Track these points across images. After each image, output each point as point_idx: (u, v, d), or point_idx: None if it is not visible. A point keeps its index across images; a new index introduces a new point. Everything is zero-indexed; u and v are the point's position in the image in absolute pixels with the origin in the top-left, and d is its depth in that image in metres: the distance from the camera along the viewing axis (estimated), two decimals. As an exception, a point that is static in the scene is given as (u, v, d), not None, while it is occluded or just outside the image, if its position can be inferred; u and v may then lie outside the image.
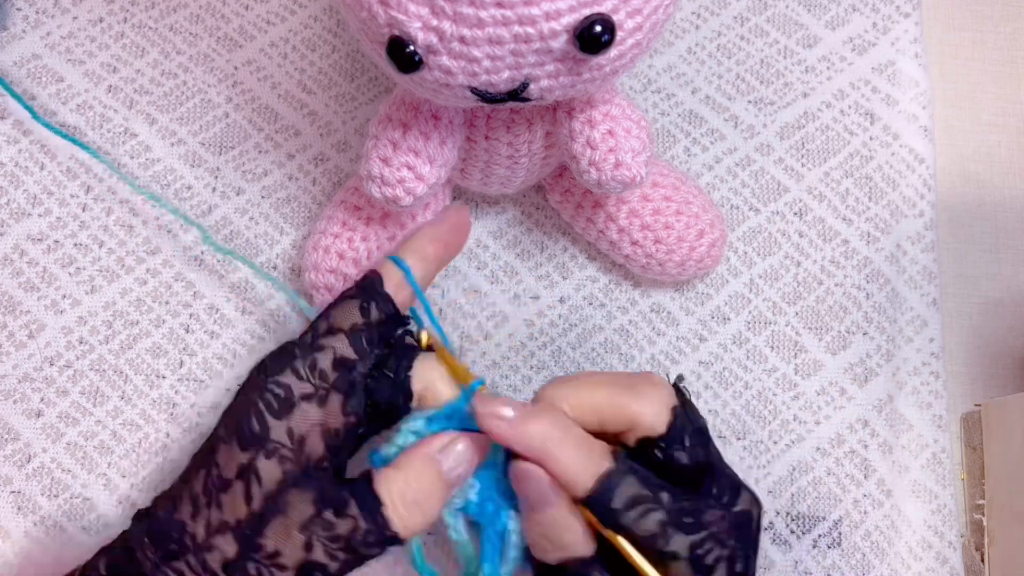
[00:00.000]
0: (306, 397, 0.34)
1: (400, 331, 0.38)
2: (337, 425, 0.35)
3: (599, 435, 0.34)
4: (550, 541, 0.33)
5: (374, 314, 0.36)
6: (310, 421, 0.34)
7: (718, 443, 0.46)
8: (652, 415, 0.34)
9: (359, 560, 0.34)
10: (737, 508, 0.34)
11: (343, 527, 0.33)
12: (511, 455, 0.34)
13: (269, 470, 0.33)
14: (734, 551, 0.33)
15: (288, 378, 0.34)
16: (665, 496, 0.33)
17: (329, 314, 0.36)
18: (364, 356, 0.35)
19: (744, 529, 0.34)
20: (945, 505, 0.46)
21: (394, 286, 0.37)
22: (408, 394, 0.36)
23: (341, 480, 0.35)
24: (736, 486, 0.34)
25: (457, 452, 0.34)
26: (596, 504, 0.32)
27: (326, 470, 0.35)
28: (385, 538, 0.33)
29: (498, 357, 0.48)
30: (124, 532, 0.35)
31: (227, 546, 0.33)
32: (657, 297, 0.49)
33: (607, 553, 0.34)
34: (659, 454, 0.34)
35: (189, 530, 0.33)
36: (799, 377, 0.48)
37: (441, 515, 0.35)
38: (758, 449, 0.47)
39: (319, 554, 0.33)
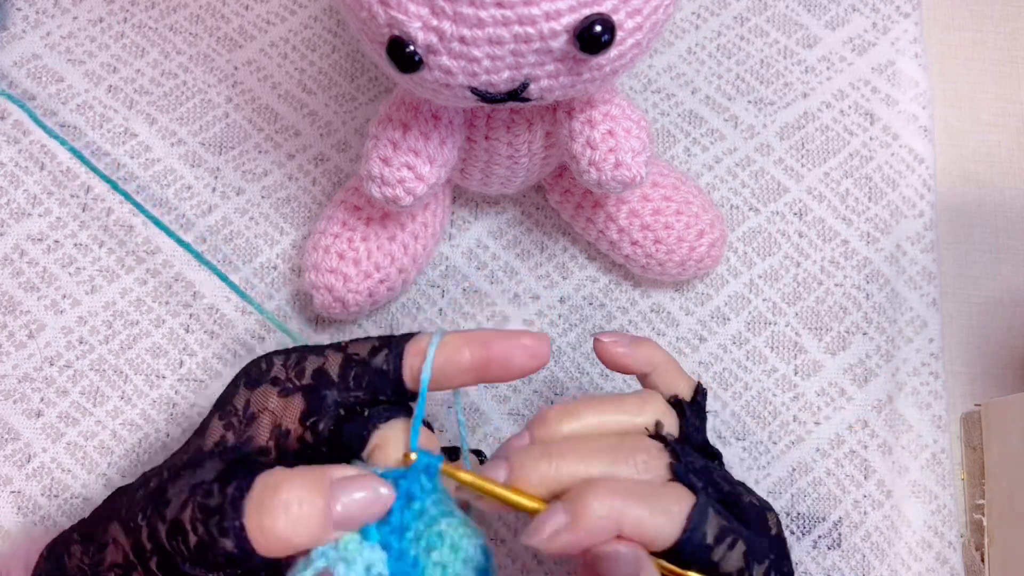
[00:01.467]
0: (274, 381, 0.33)
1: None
2: (289, 426, 0.32)
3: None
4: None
5: (379, 360, 0.32)
6: (264, 405, 0.32)
7: (718, 444, 0.47)
8: (663, 408, 0.34)
9: (208, 555, 0.29)
10: (774, 533, 0.33)
11: (215, 500, 0.29)
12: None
13: (214, 429, 0.32)
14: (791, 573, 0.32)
15: (277, 359, 0.33)
16: (737, 524, 0.31)
17: (351, 340, 0.34)
18: (343, 385, 0.32)
19: (784, 549, 0.33)
20: (945, 505, 0.46)
21: (415, 351, 0.32)
22: (364, 441, 0.31)
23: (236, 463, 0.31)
24: (763, 511, 0.33)
25: (357, 498, 0.28)
26: (688, 545, 0.30)
27: (260, 464, 0.31)
28: (233, 530, 0.28)
29: (498, 357, 0.48)
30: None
31: (152, 484, 0.31)
32: (657, 297, 0.49)
33: None
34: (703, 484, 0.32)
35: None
36: (799, 378, 0.48)
37: None
38: (758, 450, 0.47)
39: (186, 516, 0.29)
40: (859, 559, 0.46)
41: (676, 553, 0.30)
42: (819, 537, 0.46)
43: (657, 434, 0.33)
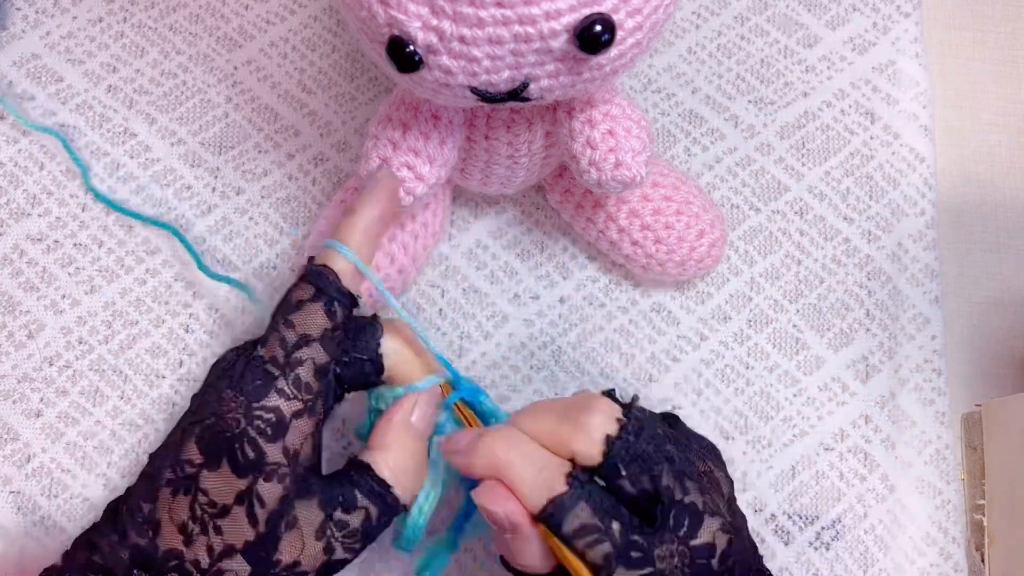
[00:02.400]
0: (297, 414, 0.34)
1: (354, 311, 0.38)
2: (308, 452, 0.35)
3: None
4: (512, 556, 0.34)
5: (339, 314, 0.36)
6: (304, 434, 0.34)
7: (720, 440, 0.47)
8: (587, 445, 0.33)
9: (372, 540, 0.36)
10: (697, 541, 0.32)
11: (356, 520, 0.34)
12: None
13: (270, 491, 0.33)
14: None
15: (275, 400, 0.34)
16: (616, 527, 0.32)
17: (291, 321, 0.35)
18: (336, 356, 0.36)
19: (704, 562, 0.32)
20: (949, 501, 0.46)
21: (344, 274, 0.36)
22: (380, 369, 0.37)
23: (328, 476, 0.36)
24: (698, 515, 0.33)
25: (424, 411, 0.37)
26: (547, 524, 0.33)
27: (314, 467, 0.35)
28: (395, 512, 0.35)
29: (498, 357, 0.48)
30: (87, 546, 0.34)
31: (239, 567, 0.33)
32: (657, 297, 0.49)
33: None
34: (602, 483, 0.34)
35: (188, 557, 0.33)
36: (801, 373, 0.48)
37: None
38: (760, 444, 0.47)
39: (339, 552, 0.34)
40: (862, 551, 0.46)
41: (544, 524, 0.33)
42: (822, 529, 0.46)
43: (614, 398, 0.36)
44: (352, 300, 0.37)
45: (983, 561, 0.46)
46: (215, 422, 0.34)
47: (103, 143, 0.50)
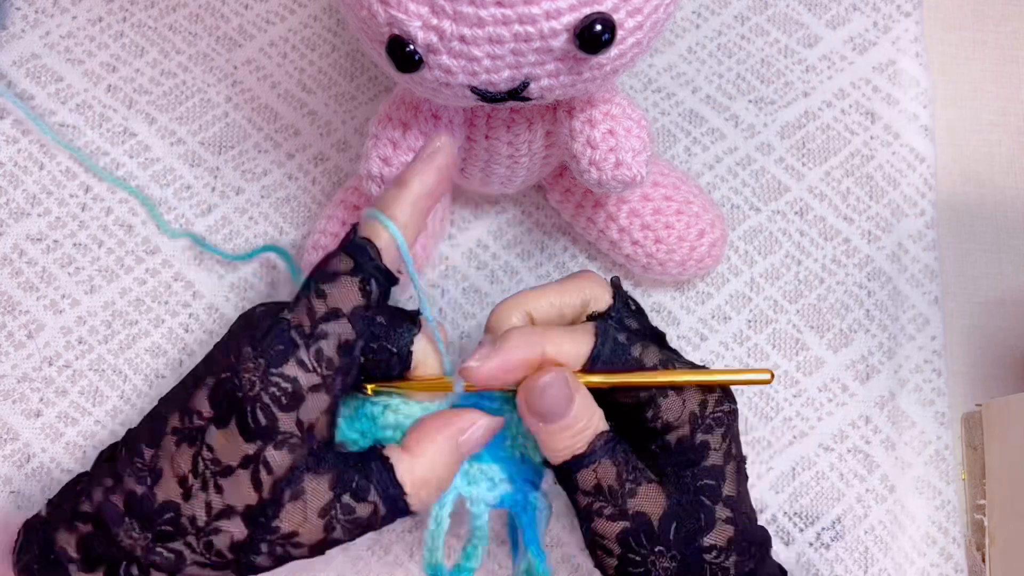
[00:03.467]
0: (315, 388, 0.33)
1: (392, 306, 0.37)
2: (323, 434, 0.34)
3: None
4: (575, 434, 0.34)
5: (375, 293, 0.34)
6: (319, 409, 0.33)
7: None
8: (600, 290, 0.37)
9: (373, 531, 0.35)
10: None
11: (363, 511, 0.33)
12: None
13: (279, 459, 0.33)
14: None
15: (294, 370, 0.33)
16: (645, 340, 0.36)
17: (325, 292, 0.34)
18: (363, 334, 0.34)
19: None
20: (949, 501, 0.46)
21: (385, 249, 0.35)
22: (407, 366, 0.36)
23: (346, 456, 0.34)
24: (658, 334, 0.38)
25: (478, 434, 0.35)
26: (603, 350, 0.34)
27: (330, 444, 0.34)
28: (403, 515, 0.34)
29: (498, 357, 0.48)
30: (75, 495, 0.34)
31: (235, 528, 0.32)
32: (658, 296, 0.49)
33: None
34: (613, 323, 0.36)
35: (185, 512, 0.32)
36: (801, 374, 0.48)
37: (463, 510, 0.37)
38: (760, 445, 0.47)
39: (338, 533, 0.34)
40: (862, 552, 0.46)
41: (600, 364, 0.35)
42: (822, 530, 0.46)
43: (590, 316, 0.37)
44: (390, 279, 0.35)
45: (983, 561, 0.46)
46: (230, 378, 0.33)
47: (103, 143, 0.50)
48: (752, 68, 0.53)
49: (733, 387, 0.37)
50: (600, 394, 0.35)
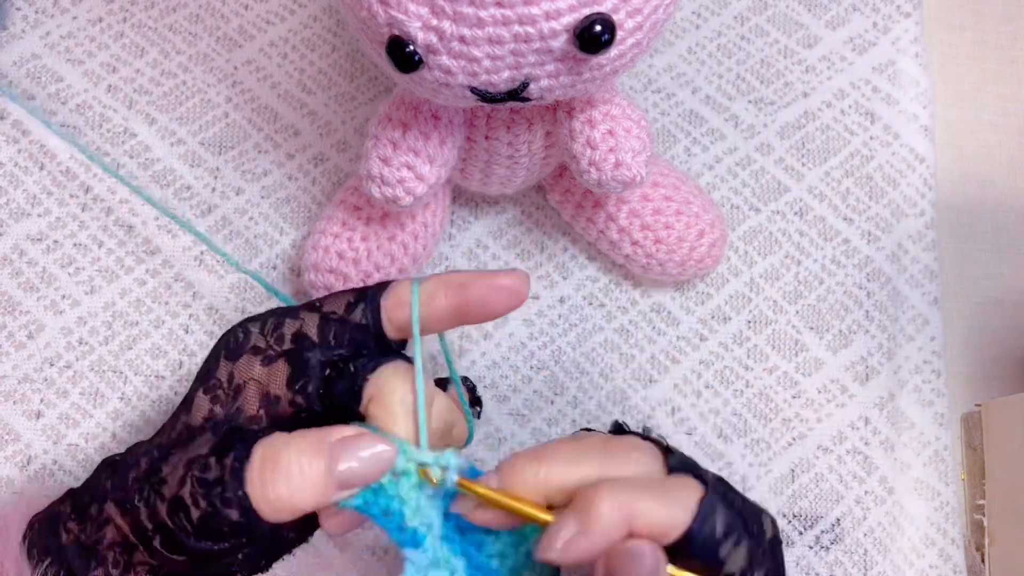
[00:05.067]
0: (255, 350, 0.32)
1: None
2: (278, 393, 0.32)
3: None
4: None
5: (357, 314, 0.33)
6: (249, 375, 0.32)
7: (719, 441, 0.47)
8: (653, 461, 0.30)
9: (213, 526, 0.29)
10: (770, 535, 0.31)
11: (213, 472, 0.29)
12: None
13: (201, 404, 0.32)
14: None
15: (254, 327, 0.33)
16: (739, 522, 0.30)
17: (325, 298, 0.34)
18: (324, 344, 0.32)
19: (779, 556, 0.31)
20: (948, 502, 0.46)
21: (395, 303, 0.33)
22: (358, 396, 0.31)
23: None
24: (759, 512, 0.31)
25: (361, 456, 0.29)
26: (699, 536, 0.29)
27: (253, 433, 0.31)
28: (236, 500, 0.29)
29: (498, 357, 0.48)
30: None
31: (143, 464, 0.32)
32: (657, 297, 0.49)
33: None
34: (719, 495, 0.30)
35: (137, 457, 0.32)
36: (800, 375, 0.48)
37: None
38: (759, 447, 0.47)
39: (186, 492, 0.29)
40: (861, 554, 0.46)
41: (685, 547, 0.29)
42: (821, 533, 0.46)
43: (646, 436, 0.32)
44: (377, 315, 0.32)
45: (983, 561, 0.46)
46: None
47: (103, 143, 0.50)
48: (752, 69, 0.53)
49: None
50: None
